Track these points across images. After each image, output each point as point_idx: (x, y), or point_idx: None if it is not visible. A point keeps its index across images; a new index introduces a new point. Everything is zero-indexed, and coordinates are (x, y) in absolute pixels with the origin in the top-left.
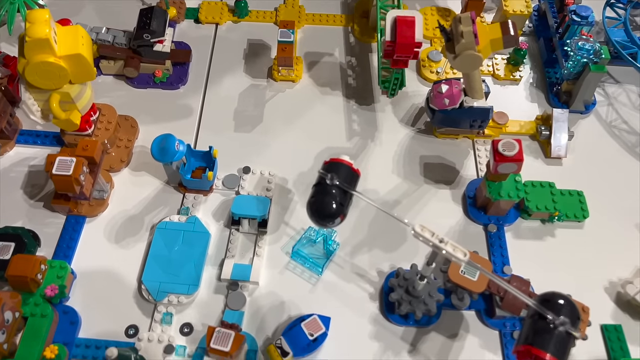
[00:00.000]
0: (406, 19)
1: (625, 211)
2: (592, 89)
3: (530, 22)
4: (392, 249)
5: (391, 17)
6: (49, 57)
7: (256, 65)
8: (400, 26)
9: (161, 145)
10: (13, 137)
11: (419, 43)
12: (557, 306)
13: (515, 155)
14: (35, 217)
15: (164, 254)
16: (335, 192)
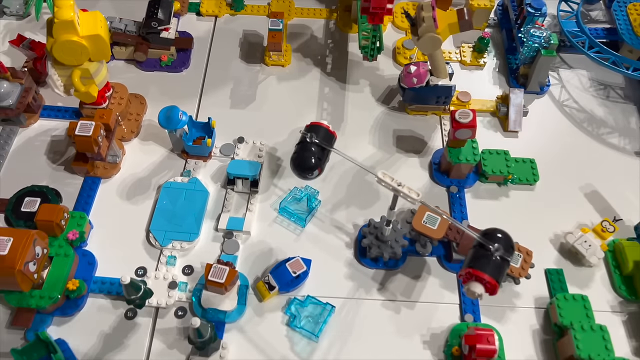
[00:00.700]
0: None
1: (571, 177)
2: (545, 71)
3: (495, 16)
4: (366, 206)
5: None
6: (73, 36)
7: (250, 52)
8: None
9: (167, 114)
10: (37, 111)
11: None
12: (494, 238)
13: (469, 122)
14: (58, 178)
15: (169, 208)
16: (314, 149)
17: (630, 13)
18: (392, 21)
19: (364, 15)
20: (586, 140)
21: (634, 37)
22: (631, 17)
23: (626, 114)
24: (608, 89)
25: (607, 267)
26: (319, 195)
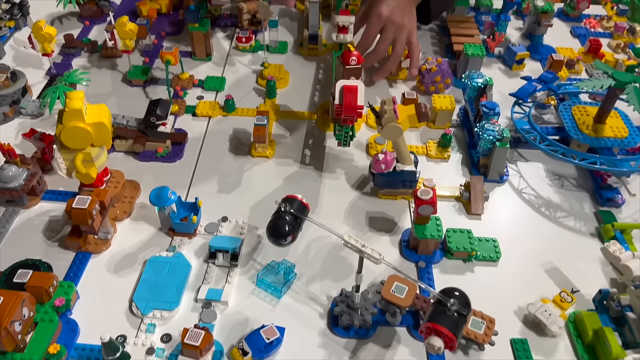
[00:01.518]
0: (350, 87)
1: (531, 255)
2: (501, 161)
3: (457, 117)
4: (340, 279)
5: (339, 86)
6: (80, 123)
7: (238, 146)
8: (346, 93)
9: (158, 193)
10: (40, 195)
11: (360, 106)
12: (451, 295)
13: (429, 198)
14: (51, 253)
15: (153, 280)
16: (288, 218)
17: (575, 113)
18: (366, 122)
19: None
20: (544, 223)
21: (579, 133)
22: (575, 117)
23: (580, 200)
24: (562, 179)
25: (569, 337)
26: (295, 269)
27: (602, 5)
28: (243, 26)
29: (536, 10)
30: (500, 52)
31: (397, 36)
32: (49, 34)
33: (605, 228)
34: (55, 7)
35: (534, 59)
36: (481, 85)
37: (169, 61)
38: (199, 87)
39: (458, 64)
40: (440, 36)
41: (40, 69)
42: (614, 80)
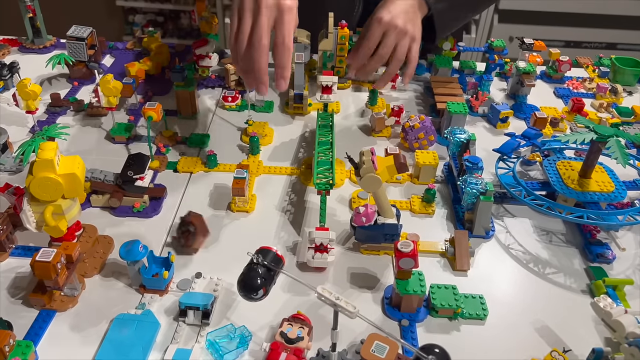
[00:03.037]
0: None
1: (520, 312)
2: (486, 215)
3: (442, 174)
4: (318, 339)
5: None
6: (50, 174)
7: (218, 201)
8: None
9: (127, 247)
10: (8, 250)
11: None
12: (431, 352)
13: (410, 251)
14: (13, 311)
15: (118, 338)
16: (261, 271)
17: (560, 168)
18: (349, 177)
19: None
20: (533, 279)
21: (565, 188)
22: (560, 172)
23: (569, 256)
24: (550, 234)
25: None
26: (251, 339)
27: (584, 68)
28: (230, 87)
29: (518, 72)
30: (484, 110)
31: (399, 41)
32: (33, 91)
33: (596, 284)
34: (45, 68)
35: (518, 117)
36: (464, 140)
37: (151, 117)
38: (182, 144)
39: (442, 122)
40: (424, 96)
41: (24, 127)
42: (595, 133)
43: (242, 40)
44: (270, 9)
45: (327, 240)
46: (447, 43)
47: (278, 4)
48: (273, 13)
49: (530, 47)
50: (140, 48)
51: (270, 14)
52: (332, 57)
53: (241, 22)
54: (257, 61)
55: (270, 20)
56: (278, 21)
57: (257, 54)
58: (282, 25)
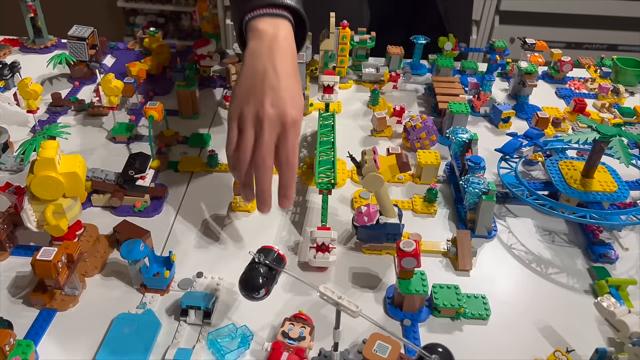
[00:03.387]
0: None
1: (523, 312)
2: (488, 215)
3: (444, 174)
4: (320, 339)
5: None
6: (51, 172)
7: (220, 201)
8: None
9: (129, 247)
10: (9, 249)
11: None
12: (434, 351)
13: (412, 250)
14: (13, 310)
15: (119, 337)
16: (263, 270)
17: (562, 168)
18: (351, 177)
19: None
20: (536, 279)
21: (567, 188)
22: (563, 171)
23: (572, 257)
24: (553, 234)
25: None
26: (252, 339)
27: (586, 69)
28: (231, 86)
29: (520, 72)
30: (486, 111)
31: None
32: (34, 90)
33: (599, 284)
34: (46, 68)
35: (520, 117)
36: (466, 140)
37: (152, 116)
38: (183, 144)
39: (443, 122)
40: (425, 96)
41: (25, 127)
42: (597, 133)
43: (244, 157)
44: (274, 124)
45: (329, 239)
46: (449, 43)
47: (282, 118)
48: (276, 128)
49: (532, 48)
50: (141, 48)
51: (273, 130)
52: (333, 57)
53: (242, 136)
54: (261, 182)
55: (274, 136)
56: (282, 137)
57: (260, 174)
58: (286, 142)
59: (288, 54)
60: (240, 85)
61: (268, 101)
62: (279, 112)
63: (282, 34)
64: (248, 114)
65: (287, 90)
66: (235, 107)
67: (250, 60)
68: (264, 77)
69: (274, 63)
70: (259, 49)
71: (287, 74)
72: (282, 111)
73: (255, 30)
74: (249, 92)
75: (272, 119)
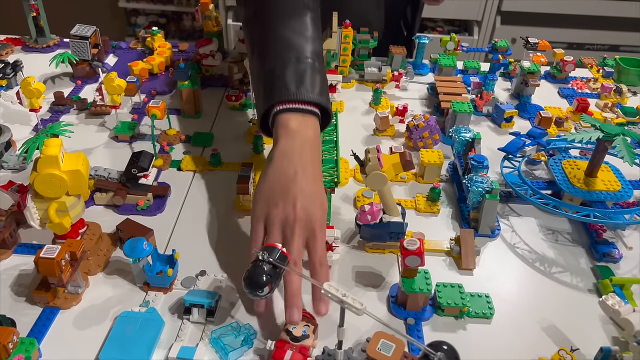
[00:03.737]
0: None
1: (527, 311)
2: (491, 214)
3: (446, 173)
4: (323, 337)
5: None
6: (55, 170)
7: (223, 199)
8: None
9: (132, 245)
10: (12, 248)
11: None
12: (439, 349)
13: (416, 249)
14: (16, 308)
15: (122, 336)
16: (267, 268)
17: (565, 167)
18: (354, 176)
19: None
20: (539, 278)
21: (571, 187)
22: (566, 170)
23: (576, 256)
24: (556, 233)
25: None
26: (256, 337)
27: (588, 69)
28: (234, 86)
29: (523, 71)
30: (489, 110)
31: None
32: (37, 89)
33: (603, 283)
34: (48, 67)
35: (523, 117)
36: (469, 139)
37: (155, 115)
38: (186, 143)
39: (446, 121)
40: (428, 96)
41: (27, 125)
42: (601, 132)
43: None
44: (304, 229)
45: (332, 238)
46: (451, 43)
47: (312, 223)
48: (306, 232)
49: (534, 47)
50: (144, 47)
51: (304, 234)
52: (335, 56)
53: (270, 236)
54: (293, 286)
55: (304, 239)
56: (311, 241)
57: (292, 277)
58: (316, 245)
59: (318, 157)
60: (268, 185)
61: (299, 205)
62: (309, 217)
63: (312, 134)
64: (276, 217)
65: (317, 195)
66: (261, 208)
67: (281, 160)
68: (295, 180)
69: (304, 166)
70: (291, 149)
71: (317, 178)
72: (312, 215)
73: (286, 127)
74: (278, 194)
75: (302, 223)
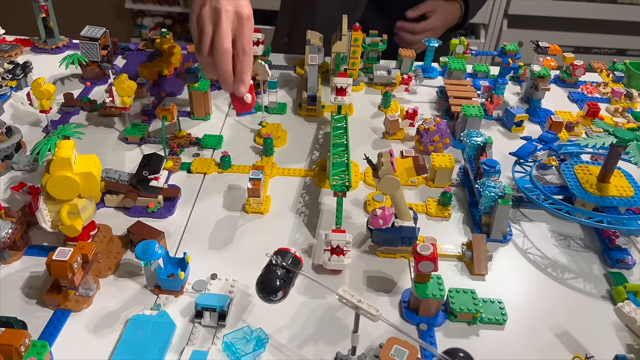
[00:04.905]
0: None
1: (540, 317)
2: (504, 219)
3: (457, 177)
4: (336, 342)
5: None
6: (67, 172)
7: (233, 202)
8: None
9: (144, 247)
10: (22, 249)
11: None
12: (455, 356)
13: (430, 254)
14: (28, 310)
15: (133, 340)
16: (280, 272)
17: (577, 172)
18: (364, 179)
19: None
20: (552, 284)
21: (583, 192)
22: (578, 176)
23: (588, 262)
24: (568, 239)
25: None
26: (267, 342)
27: (598, 73)
28: None
29: (533, 75)
30: (499, 114)
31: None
32: (47, 90)
33: (617, 290)
34: (57, 68)
35: (533, 121)
36: (480, 143)
37: (166, 117)
38: (196, 145)
39: (456, 125)
40: (437, 99)
41: (37, 126)
42: (615, 137)
43: (205, 46)
44: (230, 16)
45: (344, 242)
46: (460, 46)
47: (237, 12)
48: (233, 21)
49: (545, 51)
50: (153, 49)
51: (230, 21)
52: (345, 59)
53: (203, 30)
54: (222, 65)
55: (230, 26)
56: (238, 30)
57: (220, 58)
58: (242, 34)
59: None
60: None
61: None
62: (234, 8)
63: None
64: (205, 12)
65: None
66: (194, 10)
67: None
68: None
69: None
70: None
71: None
72: (237, 7)
73: None
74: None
75: (228, 11)
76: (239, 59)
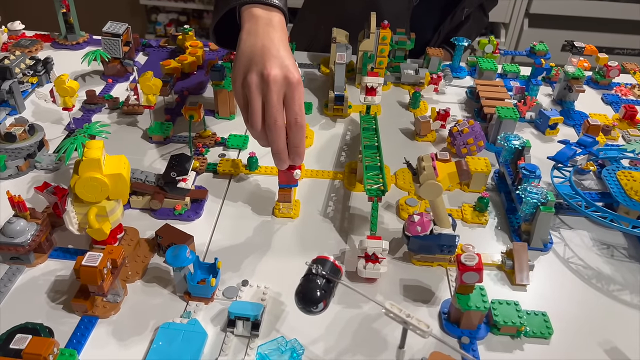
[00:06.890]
0: None
1: (587, 332)
2: (545, 227)
3: (492, 181)
4: (374, 355)
5: None
6: (97, 174)
7: (261, 205)
8: None
9: (174, 253)
10: (47, 252)
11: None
12: None
13: (475, 264)
14: (54, 317)
15: (164, 349)
16: (320, 282)
17: (621, 179)
18: (395, 182)
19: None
20: (597, 296)
21: (628, 199)
22: (622, 182)
23: (634, 273)
24: (611, 248)
25: None
26: (303, 354)
27: (631, 74)
28: None
29: (567, 77)
30: (532, 116)
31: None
32: (71, 87)
33: None
34: (79, 64)
35: (567, 124)
36: (518, 147)
37: (192, 116)
38: (221, 145)
39: (489, 127)
40: (467, 100)
41: (59, 124)
42: None
43: (256, 122)
44: (280, 85)
45: (380, 249)
46: (490, 45)
47: (286, 79)
48: (282, 89)
49: (581, 51)
50: (174, 46)
51: (280, 91)
52: (372, 58)
53: (251, 103)
54: (275, 142)
55: (281, 97)
56: (289, 98)
57: (273, 135)
58: (293, 102)
59: (284, 34)
60: (240, 60)
61: (270, 65)
62: (283, 74)
63: (277, 20)
64: (252, 80)
65: (287, 58)
66: (237, 77)
67: (247, 38)
68: (263, 49)
69: (271, 38)
70: (256, 29)
71: (285, 47)
72: (286, 73)
73: (251, 15)
74: (249, 62)
75: (277, 80)
76: (291, 130)
